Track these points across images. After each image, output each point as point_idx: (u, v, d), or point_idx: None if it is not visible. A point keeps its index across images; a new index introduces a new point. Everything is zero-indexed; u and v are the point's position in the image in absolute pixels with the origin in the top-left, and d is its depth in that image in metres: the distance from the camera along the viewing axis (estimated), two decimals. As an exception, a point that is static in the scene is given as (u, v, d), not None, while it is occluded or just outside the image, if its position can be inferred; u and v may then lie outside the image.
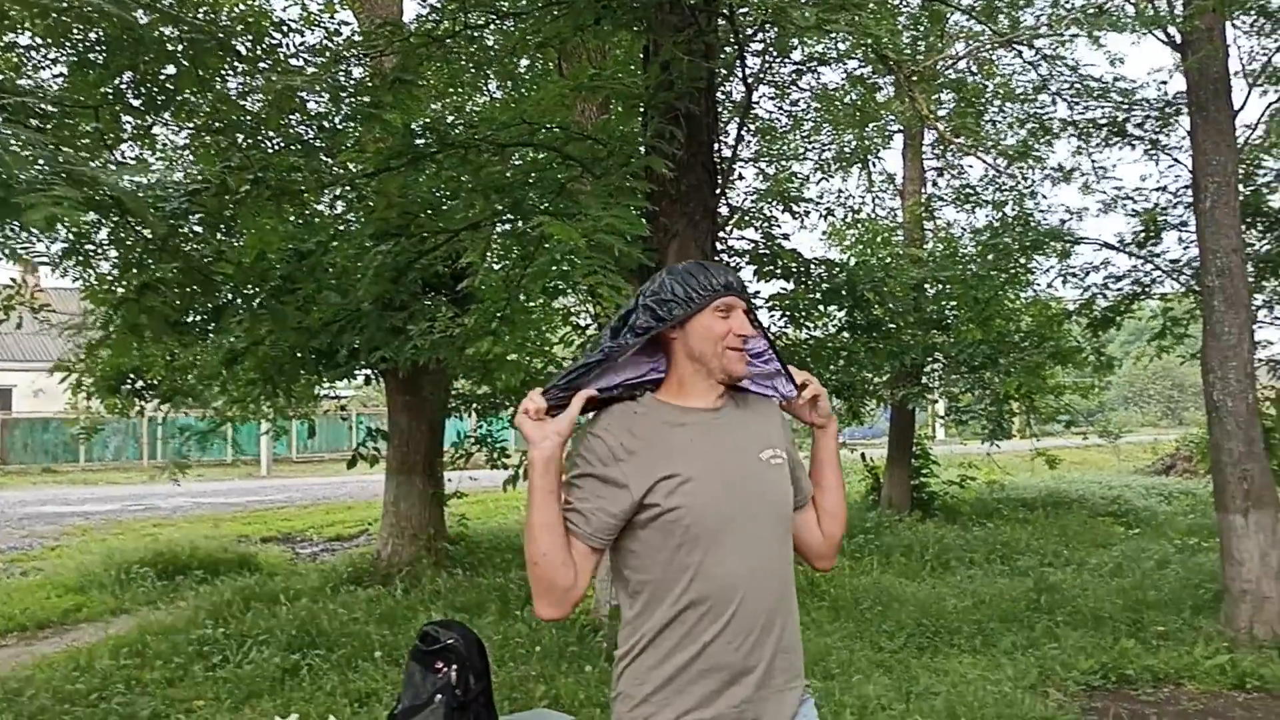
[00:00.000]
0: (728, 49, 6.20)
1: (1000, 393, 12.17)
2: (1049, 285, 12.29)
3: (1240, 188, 8.36)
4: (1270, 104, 9.96)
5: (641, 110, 5.59)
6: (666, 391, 2.21)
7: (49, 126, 4.91)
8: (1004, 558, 10.96)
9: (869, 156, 13.63)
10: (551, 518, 2.05)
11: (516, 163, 6.84)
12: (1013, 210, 12.46)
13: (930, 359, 12.84)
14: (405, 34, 5.49)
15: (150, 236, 4.82)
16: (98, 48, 6.09)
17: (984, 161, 12.77)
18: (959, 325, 12.07)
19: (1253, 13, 8.69)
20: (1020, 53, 9.49)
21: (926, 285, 12.25)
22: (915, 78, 5.64)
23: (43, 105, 4.65)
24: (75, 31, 6.15)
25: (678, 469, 2.07)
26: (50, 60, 7.62)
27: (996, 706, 5.76)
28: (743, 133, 9.81)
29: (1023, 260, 10.88)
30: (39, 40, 7.17)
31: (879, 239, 15.02)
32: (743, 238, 9.69)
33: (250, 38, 7.05)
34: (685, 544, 2.06)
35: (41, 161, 3.10)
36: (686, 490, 2.05)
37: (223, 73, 6.09)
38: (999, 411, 12.89)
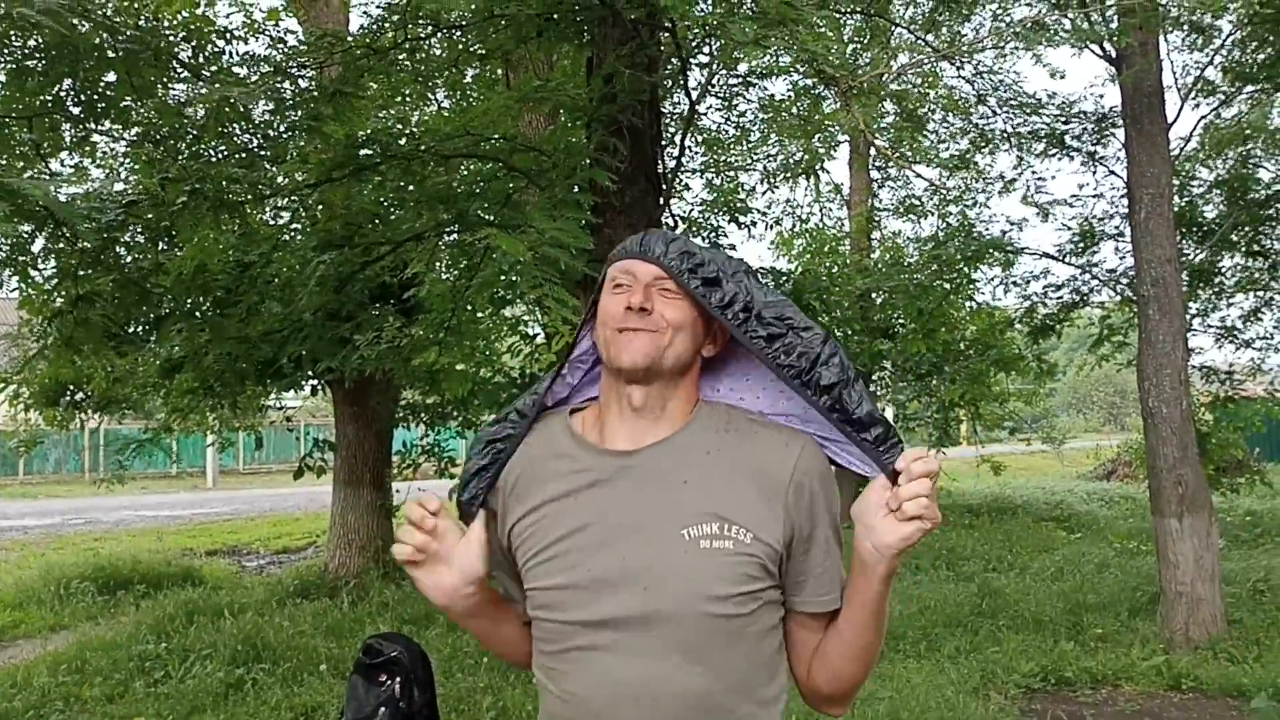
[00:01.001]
0: (673, 61, 6.24)
1: (946, 400, 12.35)
2: (991, 294, 12.50)
3: (1175, 199, 8.56)
4: (1203, 117, 10.22)
5: (586, 122, 5.61)
6: (588, 414, 1.71)
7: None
8: (949, 564, 11.10)
9: (816, 167, 13.76)
10: (483, 630, 1.75)
11: (463, 173, 6.85)
12: (956, 220, 12.64)
13: (877, 367, 12.99)
14: (347, 45, 5.48)
15: (87, 247, 4.76)
16: (36, 55, 6.00)
17: (921, 178, 12.95)
18: (905, 334, 12.23)
19: (1185, 28, 8.90)
20: (961, 66, 9.65)
21: (873, 295, 12.40)
22: (855, 91, 5.74)
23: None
24: (12, 39, 6.07)
25: (538, 534, 1.61)
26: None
27: (939, 710, 5.84)
28: (687, 144, 9.87)
29: (965, 270, 11.04)
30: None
31: (826, 249, 15.17)
32: (690, 248, 9.73)
33: (193, 45, 7.00)
34: (540, 640, 1.62)
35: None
36: (542, 568, 1.59)
37: (164, 81, 6.03)
38: (945, 419, 13.06)
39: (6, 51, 6.28)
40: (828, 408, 1.56)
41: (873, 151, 14.53)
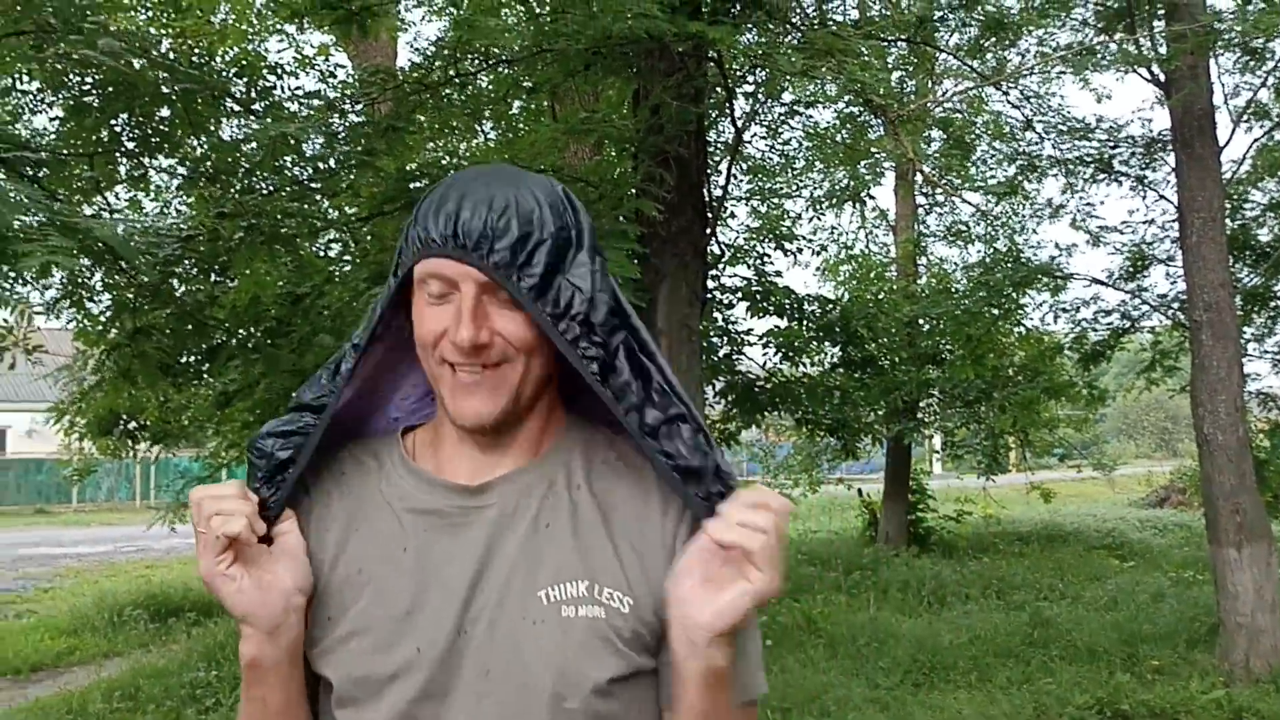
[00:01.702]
0: (718, 91, 6.27)
1: (995, 427, 12.22)
2: (1041, 320, 12.37)
3: (1227, 222, 8.45)
4: (1256, 139, 10.08)
5: (633, 153, 5.65)
6: (424, 435, 1.33)
7: (44, 173, 4.96)
8: (1000, 592, 10.95)
9: (861, 194, 13.74)
10: (281, 698, 1.26)
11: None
12: (1004, 246, 12.55)
13: (925, 394, 12.89)
14: (398, 81, 5.56)
15: (144, 281, 4.86)
16: (94, 92, 6.16)
17: (968, 203, 12.88)
18: (953, 361, 12.13)
19: (1236, 50, 8.81)
20: (1006, 92, 9.60)
21: (920, 321, 12.33)
22: (902, 119, 5.73)
23: (39, 154, 4.70)
24: (72, 77, 6.23)
25: (348, 596, 1.22)
26: (47, 105, 7.69)
27: (992, 745, 5.75)
28: (733, 173, 9.90)
29: (1014, 296, 10.95)
30: (37, 86, 7.25)
31: (872, 275, 15.10)
32: (736, 275, 9.76)
33: (245, 81, 7.14)
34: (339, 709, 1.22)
35: (36, 212, 3.14)
36: (349, 647, 1.20)
37: (218, 117, 6.17)
38: (994, 446, 12.92)
39: (66, 89, 6.45)
40: (655, 450, 1.18)
41: (919, 177, 14.48)
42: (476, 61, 5.64)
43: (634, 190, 5.39)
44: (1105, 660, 7.64)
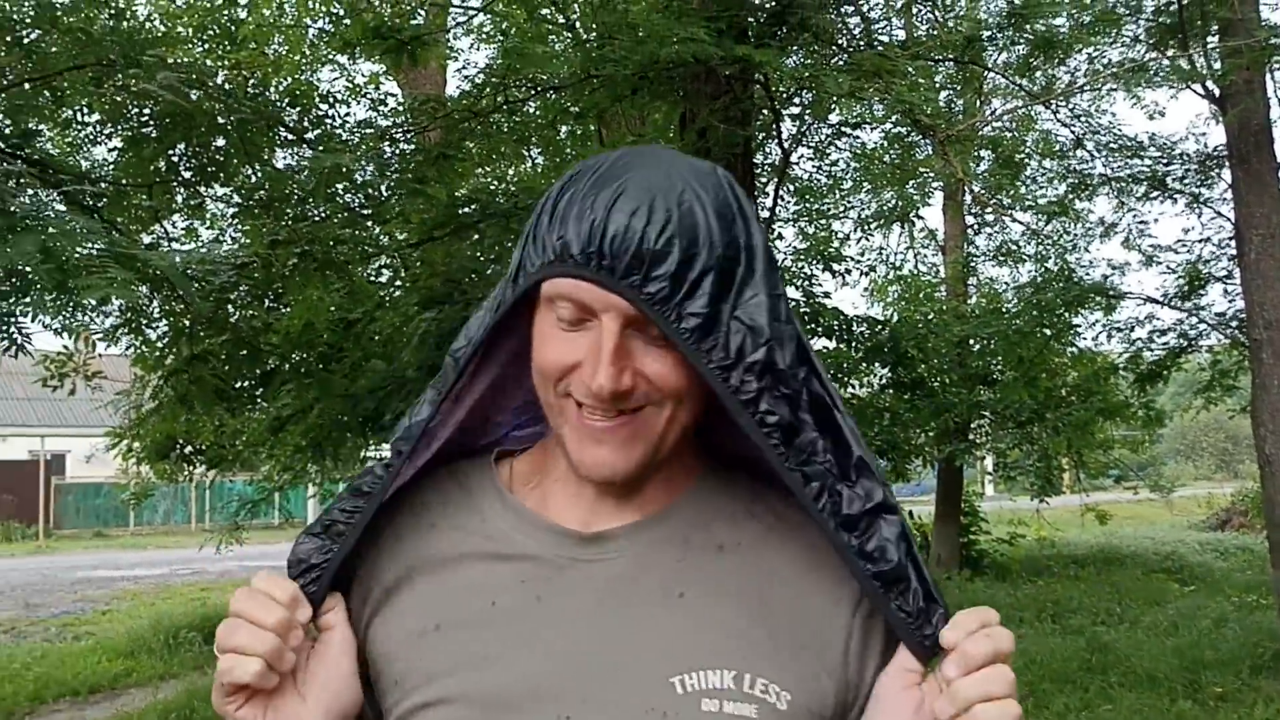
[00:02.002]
0: (764, 113, 6.28)
1: (1048, 448, 12.04)
2: (1094, 340, 12.20)
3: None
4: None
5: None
6: (520, 464, 1.11)
7: (104, 203, 5.09)
8: (1055, 616, 10.78)
9: (910, 214, 13.66)
10: None
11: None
12: (1055, 265, 12.40)
13: (977, 416, 12.74)
14: (447, 109, 5.63)
15: (200, 308, 4.95)
16: (152, 123, 6.31)
17: (1019, 222, 12.77)
18: (1005, 382, 11.98)
19: (1293, 64, 8.66)
20: (1056, 110, 9.51)
21: (971, 341, 12.21)
22: (951, 138, 5.69)
23: (98, 185, 4.82)
24: (131, 108, 6.39)
25: (429, 663, 1.00)
26: (107, 136, 7.87)
27: (1050, 773, 5.65)
28: (781, 194, 9.89)
29: (1066, 316, 10.81)
30: (97, 118, 7.43)
31: (921, 295, 15.00)
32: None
33: (298, 110, 7.27)
34: None
35: (95, 243, 3.22)
36: (419, 699, 0.99)
37: (271, 146, 6.29)
38: (1048, 467, 12.73)
39: (125, 121, 6.61)
40: (854, 550, 0.95)
41: (968, 197, 14.38)
42: (524, 88, 5.70)
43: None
44: (1166, 687, 7.48)
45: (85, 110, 7.37)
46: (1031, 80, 8.97)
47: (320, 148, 6.09)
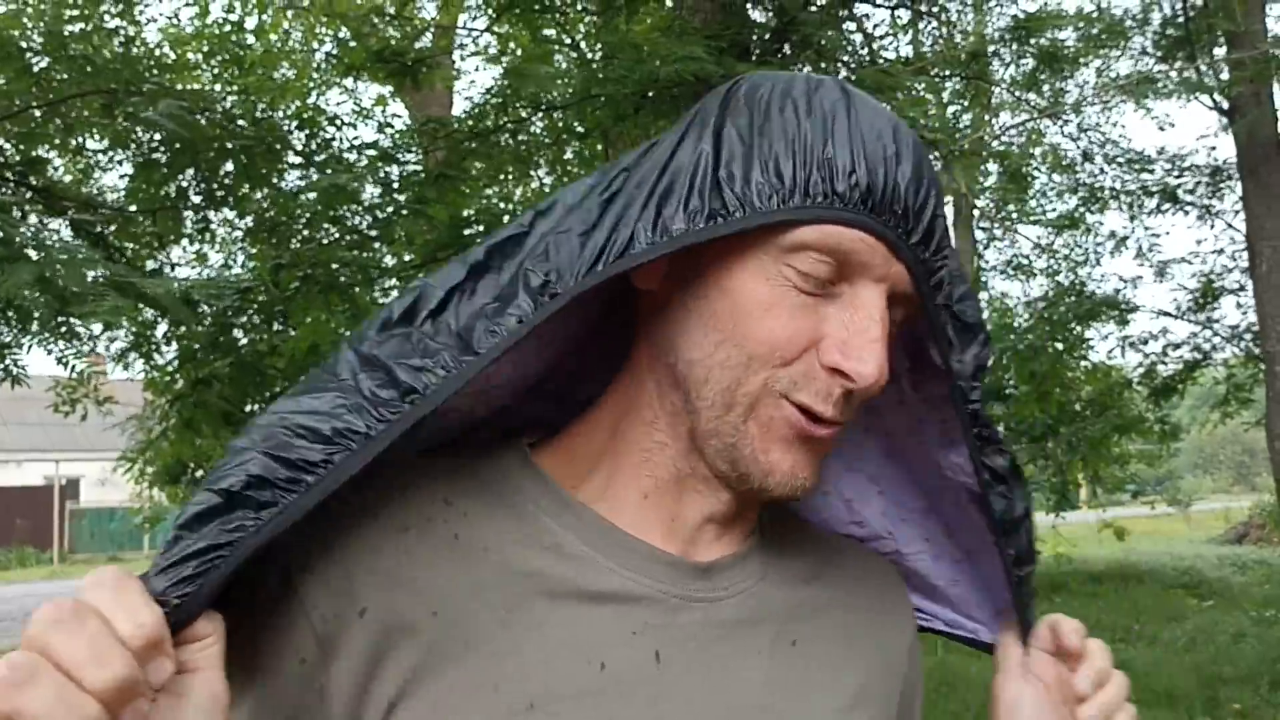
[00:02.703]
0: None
1: (1063, 464, 11.98)
2: (1108, 354, 12.15)
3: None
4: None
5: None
6: (561, 456, 0.81)
7: (112, 229, 5.13)
8: (1072, 634, 10.67)
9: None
10: None
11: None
12: (1067, 279, 12.37)
13: (989, 431, 12.67)
14: (449, 130, 5.65)
15: (204, 332, 4.98)
16: (160, 149, 6.36)
17: (1026, 239, 12.75)
18: (1018, 397, 11.94)
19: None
20: (1066, 123, 9.50)
21: (982, 356, 12.15)
22: (956, 153, 5.68)
23: (104, 210, 4.86)
24: (140, 134, 6.44)
25: None
26: (117, 162, 7.92)
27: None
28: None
29: (1078, 330, 10.76)
30: (105, 144, 7.48)
31: (932, 310, 14.95)
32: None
33: (305, 134, 7.30)
34: None
35: (94, 271, 3.24)
36: None
37: (278, 169, 6.32)
38: (1063, 483, 12.66)
39: (135, 147, 6.67)
40: (1011, 558, 0.85)
41: (976, 211, 14.36)
42: (528, 108, 5.71)
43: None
44: (1185, 704, 7.39)
45: (95, 137, 7.42)
46: (1040, 94, 8.97)
47: (327, 170, 6.12)
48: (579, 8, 6.51)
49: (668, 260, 0.72)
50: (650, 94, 4.97)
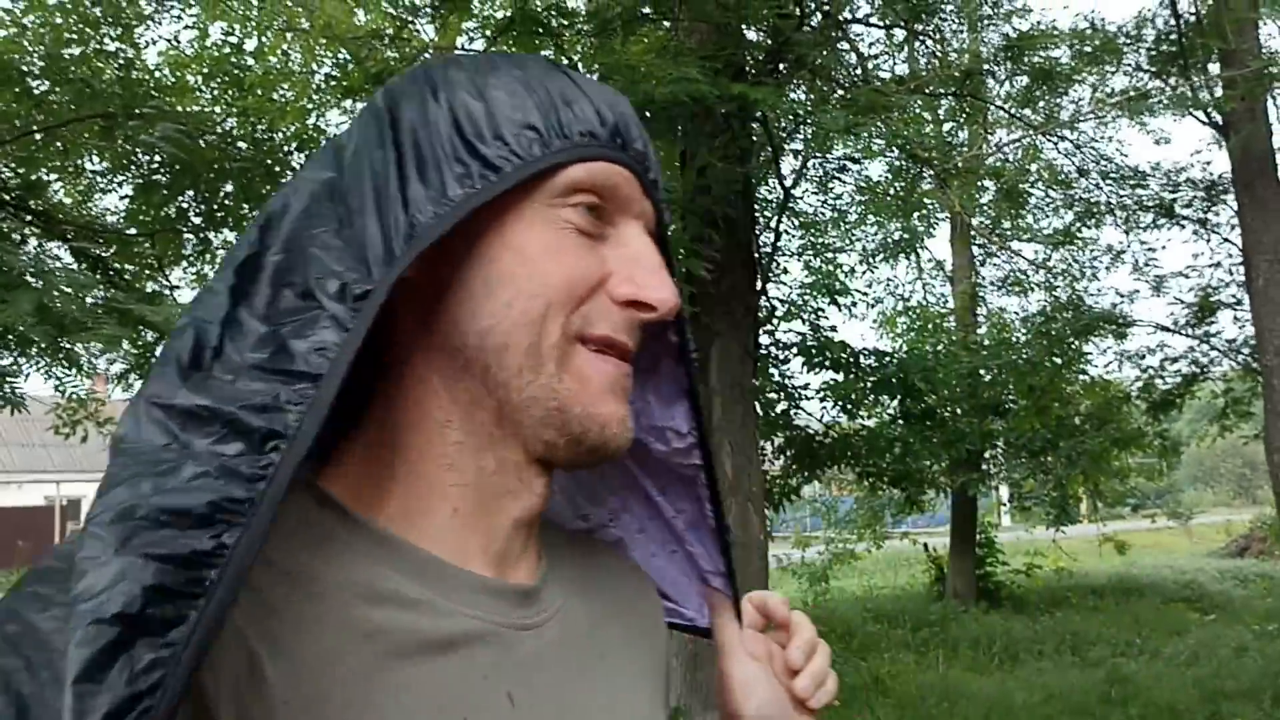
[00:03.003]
0: (766, 149, 6.31)
1: (1063, 478, 11.97)
2: (1106, 368, 12.16)
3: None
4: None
5: (680, 214, 5.70)
6: (349, 484, 0.73)
7: (111, 251, 5.16)
8: (1074, 648, 10.66)
9: (915, 245, 13.66)
10: None
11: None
12: (1064, 294, 12.39)
13: (989, 445, 12.68)
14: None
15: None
16: (161, 171, 6.39)
17: (1021, 256, 12.78)
18: (1017, 411, 11.93)
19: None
20: (1062, 138, 9.54)
21: (981, 372, 12.17)
22: (951, 171, 5.71)
23: (104, 233, 4.88)
24: (140, 156, 6.47)
25: None
26: (117, 184, 7.96)
27: (1068, 810, 5.57)
28: (784, 228, 9.93)
29: (1076, 344, 10.78)
30: (105, 166, 7.52)
31: (930, 326, 14.96)
32: (790, 330, 9.73)
33: (305, 155, 7.33)
34: None
35: (92, 296, 3.27)
36: None
37: (276, 190, 6.37)
38: (1063, 497, 12.65)
39: (136, 168, 6.70)
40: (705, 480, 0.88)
41: (973, 230, 14.40)
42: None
43: (682, 250, 5.42)
44: (1187, 719, 7.38)
45: (94, 159, 7.46)
46: (1035, 110, 9.01)
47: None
48: (576, 29, 6.54)
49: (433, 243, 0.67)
50: (647, 114, 5.00)
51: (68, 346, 3.03)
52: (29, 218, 4.19)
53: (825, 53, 5.45)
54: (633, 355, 0.74)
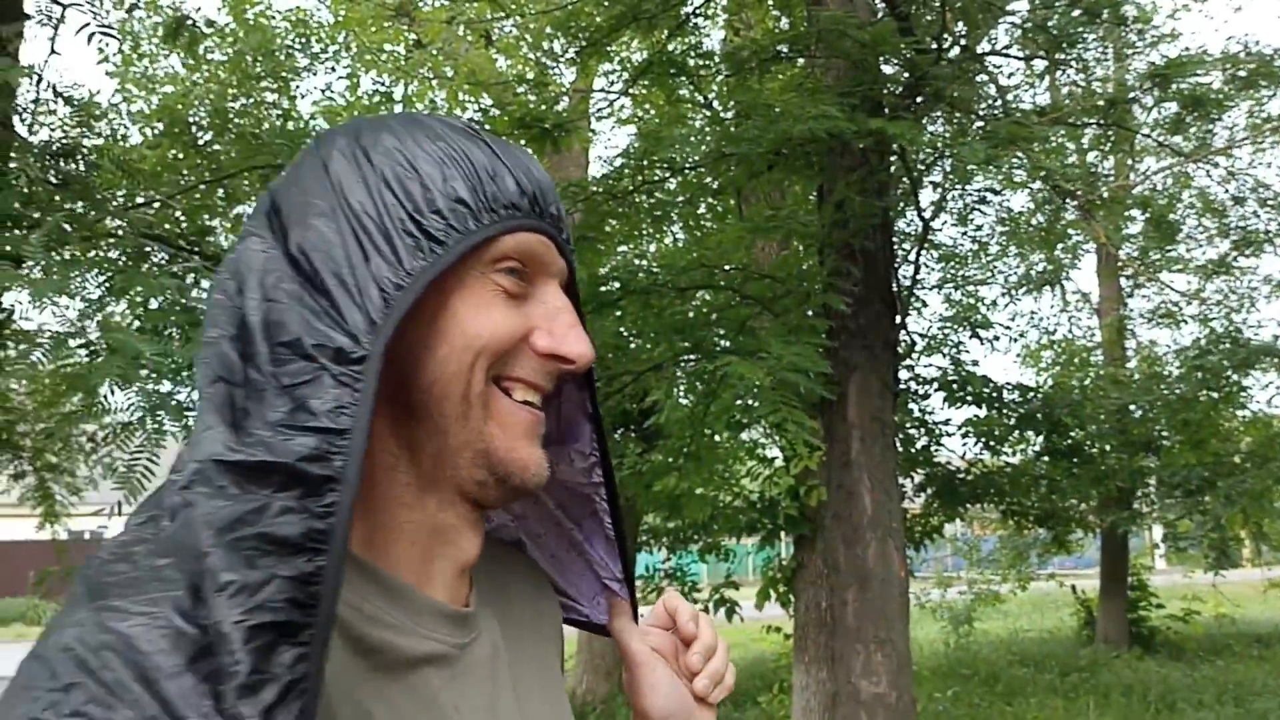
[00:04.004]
0: (904, 182, 6.28)
1: (1221, 518, 11.42)
2: (1269, 403, 11.59)
3: None
4: None
5: (819, 248, 5.72)
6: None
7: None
8: (1237, 699, 10.13)
9: (1060, 277, 13.31)
10: None
11: (696, 303, 7.07)
12: (1220, 326, 11.87)
13: (1140, 484, 12.20)
14: (588, 194, 5.83)
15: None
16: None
17: (1171, 289, 12.31)
18: (1169, 448, 11.46)
19: None
20: (1215, 165, 9.20)
21: (1131, 407, 11.74)
22: (1096, 202, 5.56)
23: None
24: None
25: None
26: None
27: None
28: (924, 261, 9.81)
29: (1235, 378, 10.31)
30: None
31: (1076, 360, 14.52)
32: (931, 365, 9.58)
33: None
34: None
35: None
36: None
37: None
38: (1222, 539, 12.06)
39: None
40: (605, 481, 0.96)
41: (1122, 257, 13.95)
42: (663, 168, 5.86)
43: (821, 284, 5.43)
44: (1362, 777, 6.94)
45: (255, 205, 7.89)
46: (1185, 138, 8.72)
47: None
48: (712, 69, 6.64)
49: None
50: (783, 152, 5.05)
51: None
52: (205, 263, 4.47)
53: (963, 85, 5.41)
54: (545, 398, 0.83)
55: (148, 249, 4.03)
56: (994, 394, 8.88)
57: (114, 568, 0.63)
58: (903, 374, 7.77)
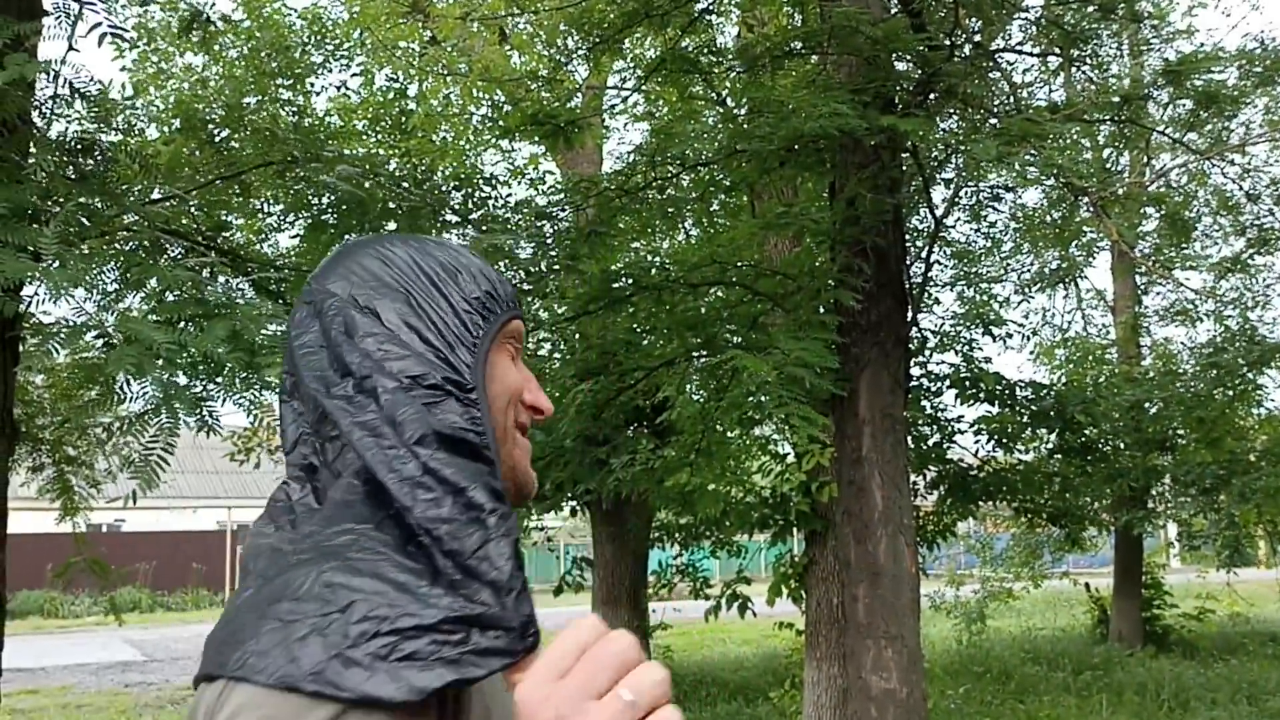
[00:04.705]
0: (916, 179, 6.28)
1: (1236, 516, 11.39)
2: (1283, 400, 11.53)
3: None
4: None
5: (830, 245, 5.73)
6: None
7: (285, 287, 5.48)
8: (1251, 698, 10.09)
9: (1074, 274, 13.27)
10: None
11: (708, 299, 7.09)
12: (1235, 324, 11.82)
13: (1155, 482, 12.17)
14: (600, 189, 5.86)
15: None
16: (330, 211, 6.76)
17: (1185, 286, 12.25)
18: (1184, 446, 11.43)
19: None
20: (1231, 162, 9.16)
21: (1146, 405, 11.71)
22: (1110, 199, 5.55)
23: (282, 270, 5.19)
24: (311, 198, 6.86)
25: None
26: (289, 223, 8.44)
27: None
28: (936, 258, 9.80)
29: (1250, 376, 10.27)
30: (281, 208, 7.99)
31: (1090, 358, 14.47)
32: (943, 362, 9.57)
33: (463, 194, 7.64)
34: None
35: (277, 325, 3.50)
36: None
37: (438, 227, 6.65)
38: (1236, 537, 12.01)
39: (307, 209, 7.10)
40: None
41: (1136, 254, 13.91)
42: (675, 164, 5.88)
43: (832, 281, 5.44)
44: (1376, 776, 6.92)
45: (271, 201, 7.95)
46: (1200, 135, 8.69)
47: (484, 228, 6.40)
48: (725, 66, 6.65)
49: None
50: (795, 148, 5.06)
51: (260, 373, 3.26)
52: (221, 257, 4.51)
53: (976, 82, 5.41)
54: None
55: (164, 243, 4.07)
56: (1007, 391, 8.86)
57: (335, 540, 0.86)
58: (915, 371, 7.77)
